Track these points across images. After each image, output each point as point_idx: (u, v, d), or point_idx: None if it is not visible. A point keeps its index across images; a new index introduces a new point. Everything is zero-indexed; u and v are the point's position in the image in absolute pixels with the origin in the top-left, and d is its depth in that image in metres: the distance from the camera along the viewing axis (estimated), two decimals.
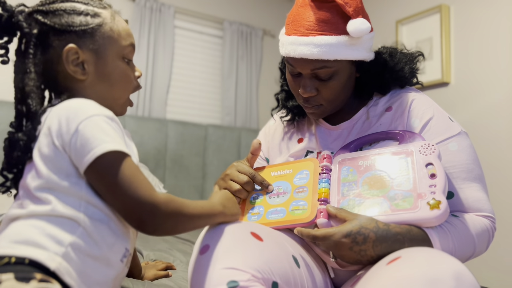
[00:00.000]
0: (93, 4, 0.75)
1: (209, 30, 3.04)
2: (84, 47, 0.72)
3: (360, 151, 0.88)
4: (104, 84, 0.75)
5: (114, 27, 0.75)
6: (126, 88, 0.78)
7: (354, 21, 0.83)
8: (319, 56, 0.83)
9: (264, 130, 1.17)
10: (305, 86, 0.88)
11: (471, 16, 2.30)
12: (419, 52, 0.98)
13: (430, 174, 0.76)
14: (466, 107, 2.28)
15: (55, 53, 0.71)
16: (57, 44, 0.71)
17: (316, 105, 0.92)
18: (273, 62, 3.29)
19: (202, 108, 3.00)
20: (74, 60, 0.71)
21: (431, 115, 0.89)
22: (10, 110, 2.14)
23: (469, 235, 0.78)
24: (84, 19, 0.72)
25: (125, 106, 0.80)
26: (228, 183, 0.89)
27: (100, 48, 0.73)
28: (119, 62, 0.76)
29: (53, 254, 0.60)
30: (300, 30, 0.86)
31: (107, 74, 0.74)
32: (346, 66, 0.88)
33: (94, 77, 0.74)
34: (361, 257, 0.72)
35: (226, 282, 0.63)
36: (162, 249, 1.46)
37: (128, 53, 0.77)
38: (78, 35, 0.71)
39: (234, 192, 0.88)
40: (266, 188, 0.89)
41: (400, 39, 2.64)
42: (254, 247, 0.70)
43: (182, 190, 2.65)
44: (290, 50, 0.86)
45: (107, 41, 0.73)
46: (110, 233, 0.66)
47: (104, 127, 0.64)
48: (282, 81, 1.09)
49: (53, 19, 0.70)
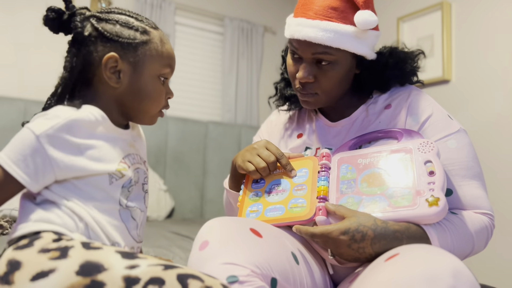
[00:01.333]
0: (145, 22, 0.79)
1: (210, 26, 3.04)
2: (125, 58, 0.75)
3: (359, 149, 0.88)
4: (134, 97, 0.78)
5: (159, 48, 0.78)
6: (154, 105, 0.80)
7: (362, 12, 0.83)
8: (322, 41, 0.83)
9: (266, 123, 1.17)
10: (304, 71, 0.88)
11: (472, 13, 2.29)
12: (420, 50, 0.97)
13: (429, 171, 0.76)
14: (467, 105, 2.28)
15: (97, 57, 0.75)
16: (101, 49, 0.75)
17: (311, 93, 0.92)
18: (274, 59, 3.28)
19: (202, 105, 3.00)
20: (112, 68, 0.75)
21: (430, 113, 0.89)
22: (9, 106, 2.14)
23: (468, 232, 0.78)
24: (133, 33, 0.76)
25: (154, 118, 0.83)
26: (256, 159, 0.89)
27: (139, 63, 0.76)
28: (154, 80, 0.79)
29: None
30: (309, 13, 0.86)
31: (139, 88, 0.78)
32: (347, 58, 0.88)
33: (126, 87, 0.77)
34: (359, 255, 0.73)
35: (226, 277, 0.63)
36: (162, 246, 1.46)
37: (165, 73, 0.80)
38: (122, 46, 0.75)
39: (258, 169, 0.88)
40: (290, 172, 0.89)
41: (401, 36, 2.63)
42: (254, 243, 0.70)
43: (182, 187, 2.66)
44: (295, 31, 0.87)
45: (148, 58, 0.77)
46: None
47: (19, 142, 0.67)
48: (283, 69, 1.08)
49: (105, 26, 0.75)
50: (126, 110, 0.78)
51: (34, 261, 0.59)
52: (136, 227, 0.77)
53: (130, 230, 0.75)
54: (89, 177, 0.70)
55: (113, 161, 0.73)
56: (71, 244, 0.62)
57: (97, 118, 0.73)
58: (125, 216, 0.74)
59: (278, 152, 0.89)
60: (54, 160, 0.66)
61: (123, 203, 0.74)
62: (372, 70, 0.94)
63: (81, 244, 0.62)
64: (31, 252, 0.61)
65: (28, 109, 2.18)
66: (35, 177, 0.66)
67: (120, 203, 0.73)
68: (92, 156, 0.70)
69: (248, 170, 0.89)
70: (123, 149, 0.77)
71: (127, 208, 0.75)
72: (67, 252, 0.60)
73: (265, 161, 0.88)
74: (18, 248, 0.62)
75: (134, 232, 0.76)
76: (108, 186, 0.72)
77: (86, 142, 0.70)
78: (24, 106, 2.18)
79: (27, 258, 0.60)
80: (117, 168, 0.73)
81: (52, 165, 0.66)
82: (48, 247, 0.62)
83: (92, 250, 0.62)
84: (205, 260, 0.67)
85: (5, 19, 2.34)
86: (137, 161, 0.80)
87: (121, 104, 0.78)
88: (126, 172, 0.74)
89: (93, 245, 0.63)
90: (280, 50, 3.36)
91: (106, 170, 0.71)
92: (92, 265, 0.59)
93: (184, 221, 2.34)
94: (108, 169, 0.71)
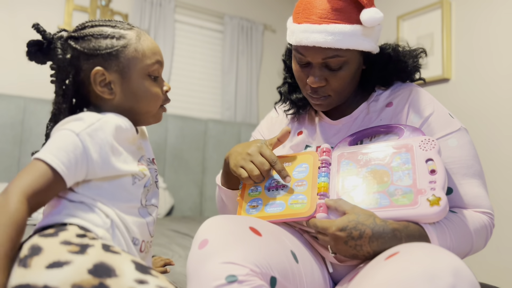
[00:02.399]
0: (119, 26, 0.79)
1: (210, 24, 3.03)
2: (110, 68, 0.77)
3: (360, 145, 0.88)
4: (131, 101, 0.79)
5: (139, 47, 0.79)
6: (153, 104, 0.81)
7: (368, 10, 0.82)
8: (332, 45, 0.83)
9: (266, 119, 1.16)
10: (315, 76, 0.87)
11: (472, 12, 2.29)
12: (422, 49, 0.97)
13: (430, 170, 0.76)
14: (466, 103, 2.28)
15: (85, 76, 0.77)
16: (86, 67, 0.76)
17: (323, 96, 0.91)
18: (274, 57, 3.28)
19: (202, 102, 3.00)
20: (101, 82, 0.76)
21: (431, 111, 0.89)
22: (8, 103, 2.14)
23: (467, 231, 0.78)
24: (110, 42, 0.77)
25: (158, 115, 0.84)
26: (249, 165, 0.86)
27: (124, 69, 0.77)
28: (144, 80, 0.79)
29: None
30: (313, 18, 0.85)
31: (133, 92, 0.79)
32: (356, 57, 0.88)
33: (121, 95, 0.78)
34: (357, 252, 0.73)
35: (225, 276, 0.63)
36: (162, 244, 1.46)
37: (154, 70, 0.80)
38: (104, 58, 0.76)
39: (252, 176, 0.85)
40: (284, 179, 0.85)
41: (401, 34, 2.63)
42: (253, 242, 0.70)
43: (182, 184, 2.66)
44: (302, 38, 0.85)
45: (131, 61, 0.78)
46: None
47: (62, 140, 0.68)
48: (285, 73, 1.07)
49: (82, 44, 0.76)
50: (129, 115, 0.79)
51: (55, 250, 0.60)
52: (153, 222, 0.80)
53: (148, 226, 0.79)
54: (114, 179, 0.73)
55: (133, 163, 0.76)
56: (92, 243, 0.63)
57: (127, 127, 0.76)
58: (143, 213, 0.78)
59: (272, 158, 0.86)
60: (90, 156, 0.69)
61: (143, 202, 0.77)
62: (377, 64, 0.94)
63: (102, 245, 0.64)
64: (54, 242, 0.62)
65: (28, 106, 2.18)
66: (74, 169, 0.67)
67: (141, 202, 0.77)
68: (119, 158, 0.73)
69: (241, 176, 0.87)
70: (136, 152, 0.80)
71: (145, 207, 0.78)
72: (86, 249, 0.61)
73: (258, 169, 0.86)
74: (43, 235, 0.63)
75: (151, 228, 0.80)
76: (131, 186, 0.75)
77: (115, 145, 0.73)
78: (24, 103, 2.17)
79: (49, 246, 0.61)
80: (140, 169, 0.76)
81: (88, 160, 0.69)
82: (71, 240, 0.63)
83: (110, 253, 0.63)
84: (204, 259, 0.67)
85: (5, 16, 2.34)
86: (147, 161, 0.83)
87: (123, 112, 0.79)
88: (147, 172, 0.78)
89: (112, 248, 0.64)
90: (280, 48, 3.37)
91: (131, 171, 0.74)
92: (105, 268, 0.60)
93: (183, 218, 2.34)
94: (133, 170, 0.75)
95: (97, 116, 0.72)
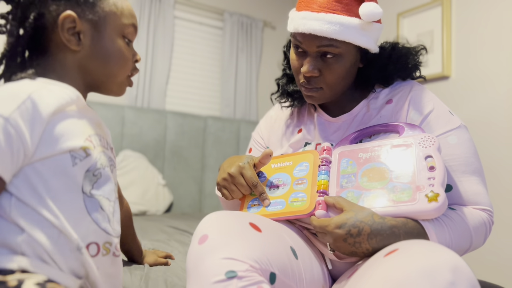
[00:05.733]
0: None
1: (209, 21, 3.03)
2: (83, 16, 0.67)
3: (360, 143, 0.88)
4: (99, 60, 0.70)
5: (118, 3, 0.71)
6: (123, 67, 0.73)
7: (367, 4, 0.83)
8: (328, 34, 0.83)
9: (265, 119, 1.16)
10: (309, 64, 0.87)
11: (472, 9, 2.29)
12: (422, 46, 0.97)
13: (429, 166, 0.76)
14: (466, 101, 2.28)
15: (50, 19, 0.66)
16: (54, 9, 0.66)
17: (316, 88, 0.91)
18: (273, 54, 3.27)
19: (201, 99, 3.00)
20: (70, 29, 0.67)
21: (431, 108, 0.89)
22: None
23: (466, 228, 0.78)
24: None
25: (123, 86, 0.76)
26: (231, 187, 0.90)
27: (100, 21, 0.69)
28: (118, 40, 0.72)
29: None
30: (313, 6, 0.85)
31: (103, 49, 0.70)
32: (352, 52, 0.88)
33: (88, 50, 0.69)
34: (355, 249, 0.73)
35: (225, 272, 0.63)
36: (161, 240, 1.46)
37: (129, 33, 0.73)
38: (78, 2, 0.67)
39: (235, 197, 0.91)
40: (263, 202, 0.89)
41: (401, 32, 2.63)
42: (253, 238, 0.70)
43: (181, 181, 2.66)
44: (299, 25, 0.86)
45: (108, 15, 0.69)
46: None
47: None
48: (285, 65, 1.08)
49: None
50: (91, 77, 0.70)
51: None
52: (107, 219, 0.67)
53: (99, 223, 0.65)
54: (49, 158, 0.60)
55: (78, 137, 0.64)
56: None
57: (72, 98, 0.65)
58: (91, 206, 0.64)
59: (252, 181, 0.88)
60: (26, 141, 0.57)
61: (86, 190, 0.64)
62: (375, 64, 0.93)
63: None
64: None
65: None
66: (10, 162, 0.56)
67: (84, 190, 0.64)
68: (56, 132, 0.61)
69: (227, 198, 0.92)
70: (89, 126, 0.68)
71: (92, 197, 0.65)
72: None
73: (240, 192, 0.90)
74: None
75: (105, 225, 0.66)
76: (71, 168, 0.62)
77: (52, 119, 0.61)
78: None
79: None
80: (82, 146, 0.64)
81: (24, 146, 0.58)
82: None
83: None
84: (204, 254, 0.67)
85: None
86: (103, 144, 0.71)
87: (85, 71, 0.70)
88: (91, 151, 0.65)
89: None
90: (279, 45, 3.36)
91: (69, 147, 0.62)
92: None
93: (182, 215, 2.34)
94: (71, 145, 0.62)
95: (30, 88, 0.59)
